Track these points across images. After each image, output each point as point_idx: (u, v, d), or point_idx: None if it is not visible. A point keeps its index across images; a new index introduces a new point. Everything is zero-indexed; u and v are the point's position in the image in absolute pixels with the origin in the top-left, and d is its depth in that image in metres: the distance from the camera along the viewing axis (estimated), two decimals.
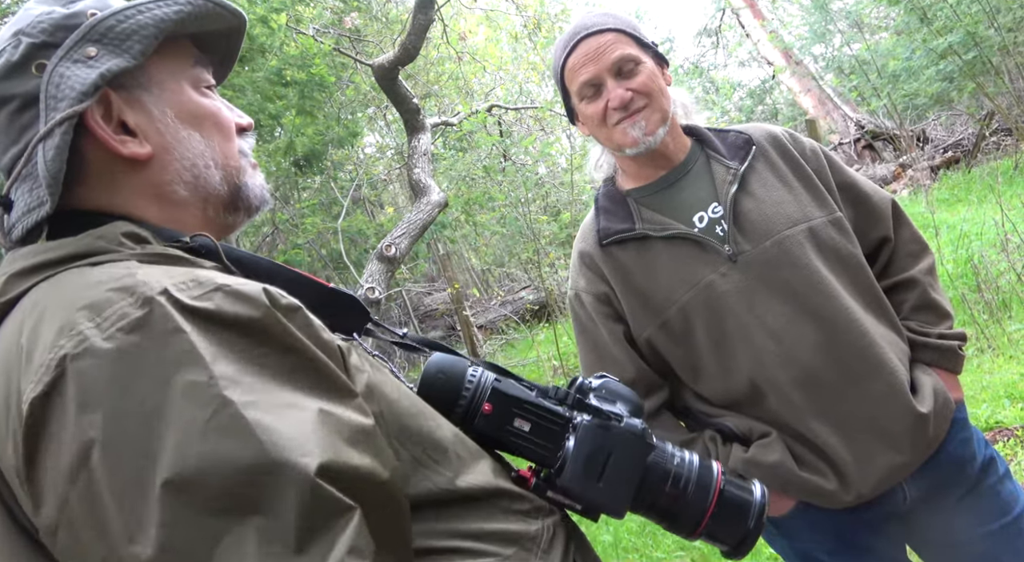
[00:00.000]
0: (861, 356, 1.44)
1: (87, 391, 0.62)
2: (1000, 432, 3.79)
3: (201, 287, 0.68)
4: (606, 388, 0.93)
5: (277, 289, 0.73)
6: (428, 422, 0.80)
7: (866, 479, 1.41)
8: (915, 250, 1.62)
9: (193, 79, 0.90)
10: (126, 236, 0.77)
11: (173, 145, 0.86)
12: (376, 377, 0.78)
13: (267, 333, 0.68)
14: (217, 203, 0.90)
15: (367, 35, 9.83)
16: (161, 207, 0.85)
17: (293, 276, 0.87)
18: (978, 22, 9.33)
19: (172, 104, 0.87)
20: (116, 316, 0.65)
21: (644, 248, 1.53)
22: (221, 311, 0.67)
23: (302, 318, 0.72)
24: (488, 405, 0.86)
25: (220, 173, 0.89)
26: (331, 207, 9.56)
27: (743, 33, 15.85)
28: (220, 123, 0.91)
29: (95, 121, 0.81)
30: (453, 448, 0.80)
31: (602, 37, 1.51)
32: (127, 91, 0.84)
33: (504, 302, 11.06)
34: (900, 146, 11.62)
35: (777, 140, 1.61)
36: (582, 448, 0.84)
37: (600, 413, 0.87)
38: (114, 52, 0.81)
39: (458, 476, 0.78)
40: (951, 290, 5.48)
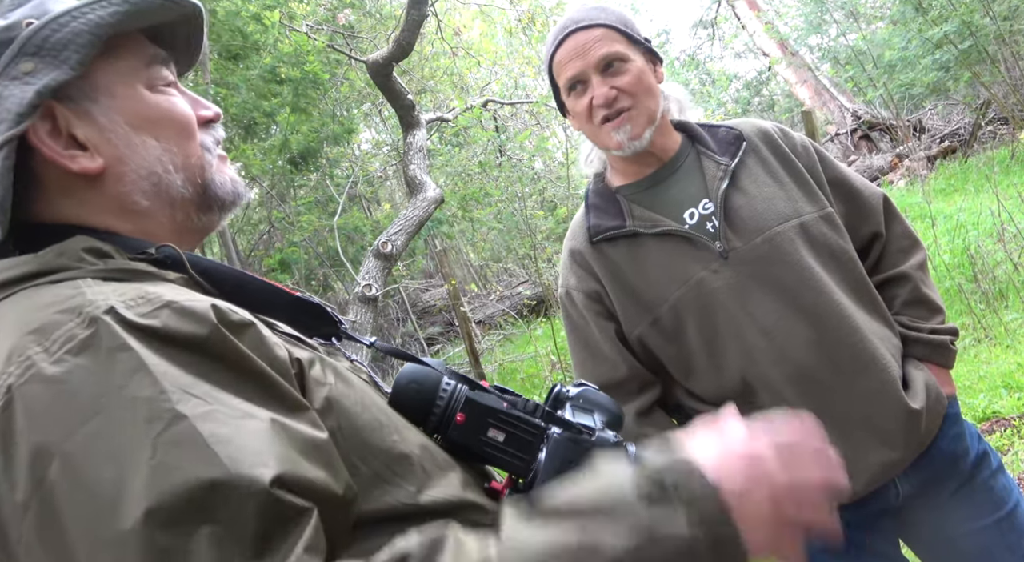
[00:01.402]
0: (853, 352, 1.43)
1: (35, 418, 0.61)
2: (997, 422, 3.80)
3: (149, 304, 0.67)
4: (583, 397, 0.92)
5: (227, 304, 0.71)
6: (391, 436, 0.78)
7: (859, 475, 1.41)
8: (906, 245, 1.62)
9: (147, 79, 0.86)
10: (87, 251, 0.75)
11: (127, 155, 0.82)
12: (339, 390, 0.76)
13: (214, 350, 0.67)
14: (185, 206, 0.87)
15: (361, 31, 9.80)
16: (126, 218, 0.83)
17: (260, 285, 0.85)
18: (973, 11, 9.33)
19: (123, 111, 0.83)
20: (63, 338, 0.64)
21: (635, 245, 1.52)
22: (167, 328, 0.66)
23: (253, 335, 0.71)
24: (461, 414, 0.85)
25: (182, 175, 0.86)
26: (327, 204, 9.54)
27: (739, 24, 15.82)
28: (177, 122, 0.87)
29: (39, 139, 0.78)
30: (419, 461, 0.78)
31: (590, 32, 1.49)
32: (74, 102, 0.80)
33: (502, 297, 11.05)
34: (897, 136, 11.62)
35: (768, 135, 1.60)
36: (552, 461, 0.83)
37: (570, 426, 0.85)
38: (51, 64, 0.77)
39: (421, 490, 0.76)
40: (948, 280, 5.49)
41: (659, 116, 1.53)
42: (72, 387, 0.62)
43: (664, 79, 1.58)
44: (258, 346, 0.70)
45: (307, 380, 0.74)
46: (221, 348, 0.67)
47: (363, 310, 5.82)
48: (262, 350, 0.70)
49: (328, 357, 0.82)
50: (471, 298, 11.42)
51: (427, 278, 12.64)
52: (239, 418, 0.64)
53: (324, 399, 0.74)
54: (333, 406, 0.74)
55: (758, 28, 14.71)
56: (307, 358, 0.76)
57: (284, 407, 0.68)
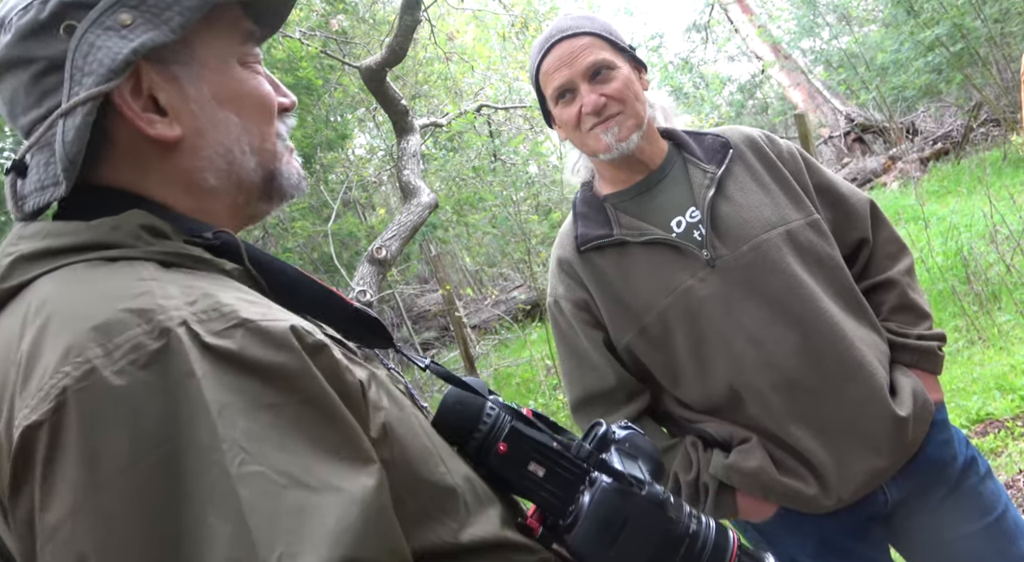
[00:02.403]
0: (840, 359, 1.43)
1: (88, 430, 0.56)
2: (990, 424, 3.80)
3: (224, 320, 0.62)
4: (630, 442, 0.89)
5: (304, 324, 0.66)
6: (439, 467, 0.73)
7: (846, 483, 1.41)
8: (893, 251, 1.62)
9: (241, 55, 0.82)
10: (143, 228, 0.69)
11: (207, 128, 0.78)
12: (393, 414, 0.71)
13: (289, 381, 0.61)
14: (250, 191, 0.83)
15: (354, 37, 9.79)
16: (189, 194, 0.78)
17: (318, 289, 0.79)
18: (964, 14, 9.38)
19: (212, 82, 0.78)
20: (130, 346, 0.58)
21: (622, 254, 1.52)
22: (243, 352, 0.60)
23: (327, 358, 0.65)
24: (504, 445, 0.82)
25: (256, 159, 0.81)
26: (321, 210, 9.53)
27: (732, 28, 15.87)
28: (263, 103, 0.82)
29: (122, 99, 0.72)
30: (463, 495, 0.74)
31: (577, 41, 1.49)
32: (162, 65, 0.75)
33: (497, 302, 11.05)
34: (890, 138, 11.66)
35: (754, 143, 1.60)
36: (598, 511, 0.79)
37: (622, 477, 0.81)
38: (151, 22, 0.72)
39: (463, 528, 0.71)
40: (941, 282, 5.50)
41: (646, 122, 1.53)
42: (135, 406, 0.57)
43: (649, 87, 1.58)
44: (332, 373, 0.65)
45: (368, 405, 0.69)
46: (297, 379, 0.62)
47: None
48: (336, 378, 0.65)
49: (371, 366, 0.77)
50: (466, 303, 11.41)
51: (422, 283, 12.63)
52: (289, 482, 0.57)
53: (381, 426, 0.69)
54: (388, 434, 0.69)
55: (751, 32, 14.76)
56: (365, 378, 0.70)
57: (351, 456, 0.62)
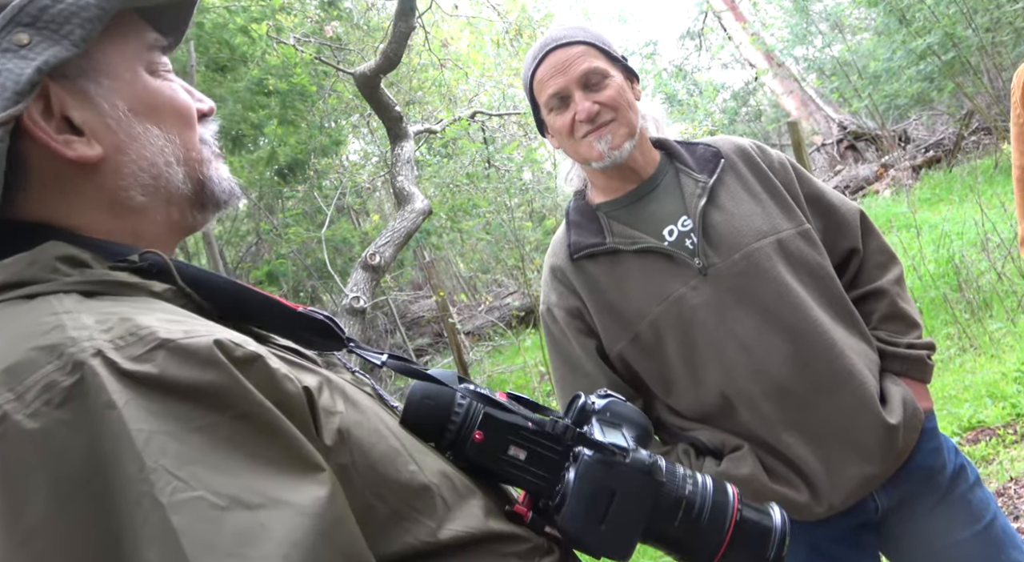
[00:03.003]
0: (830, 368, 1.44)
1: (5, 480, 0.53)
2: (982, 431, 3.82)
3: (142, 344, 0.58)
4: (611, 410, 0.86)
5: (230, 335, 0.63)
6: (409, 466, 0.70)
7: (837, 490, 1.42)
8: (883, 261, 1.63)
9: (148, 62, 0.78)
10: (61, 260, 0.66)
11: (127, 143, 0.74)
12: (350, 418, 0.68)
13: (220, 398, 0.58)
14: (182, 203, 0.79)
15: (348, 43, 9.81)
16: (115, 215, 0.74)
17: (259, 299, 0.76)
18: (956, 23, 9.44)
19: (125, 95, 0.75)
20: (42, 386, 0.55)
21: (615, 262, 1.52)
22: (164, 376, 0.57)
23: (260, 369, 0.62)
24: (479, 433, 0.78)
25: (183, 170, 0.78)
26: (315, 216, 9.53)
27: (725, 36, 15.93)
28: (180, 111, 0.79)
29: (32, 121, 0.69)
30: (438, 491, 0.71)
31: (571, 49, 1.51)
32: (70, 81, 0.72)
33: (490, 308, 11.05)
34: (882, 146, 11.71)
35: (745, 153, 1.61)
36: (583, 486, 0.76)
37: (603, 448, 0.78)
38: (51, 38, 0.68)
39: (442, 525, 0.69)
40: (933, 290, 5.53)
41: (639, 131, 1.55)
42: (53, 448, 0.53)
43: (641, 97, 1.60)
44: (268, 383, 0.62)
45: (317, 411, 0.66)
46: (228, 394, 0.59)
47: (351, 322, 5.80)
48: (272, 388, 0.62)
49: (330, 372, 0.74)
50: (460, 309, 11.41)
51: (415, 289, 12.63)
52: (229, 504, 0.54)
53: (336, 432, 0.66)
54: (346, 438, 0.66)
55: (744, 39, 14.81)
56: (315, 384, 0.68)
57: (294, 467, 0.59)
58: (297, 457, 0.60)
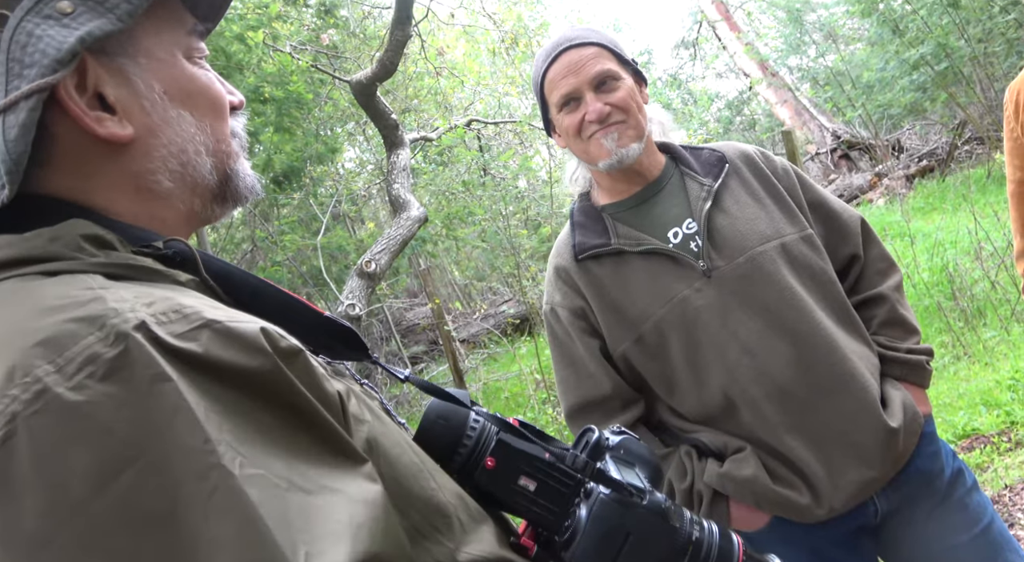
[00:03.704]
0: (832, 371, 1.45)
1: (48, 461, 0.49)
2: (976, 439, 3.83)
3: (186, 321, 0.56)
4: (624, 448, 0.84)
5: (276, 328, 0.61)
6: (429, 483, 0.69)
7: (838, 493, 1.43)
8: (883, 268, 1.65)
9: (187, 48, 0.77)
10: (86, 239, 0.63)
11: (160, 127, 0.72)
12: (377, 428, 0.67)
13: (264, 386, 0.56)
14: (205, 194, 0.77)
15: (345, 51, 9.83)
16: (139, 199, 0.72)
17: (286, 299, 0.73)
18: (948, 33, 9.51)
19: (162, 77, 0.73)
20: (84, 358, 0.51)
21: (620, 263, 1.54)
22: (209, 356, 0.55)
23: (303, 364, 0.60)
24: (491, 459, 0.76)
25: (211, 160, 0.77)
26: (311, 223, 9.52)
27: (720, 45, 16.01)
28: (216, 101, 0.78)
29: (67, 94, 0.66)
30: (455, 513, 0.69)
31: (584, 50, 1.52)
32: (108, 58, 0.70)
33: (486, 316, 11.04)
34: (876, 155, 11.77)
35: (749, 158, 1.63)
36: (597, 525, 0.74)
37: (621, 488, 0.76)
38: (95, 10, 0.67)
39: (460, 547, 0.67)
40: (927, 298, 5.55)
41: (646, 134, 1.56)
42: (101, 422, 0.50)
43: (648, 101, 1.61)
44: (308, 379, 0.60)
45: (348, 417, 0.64)
46: (272, 383, 0.57)
47: None
48: (313, 385, 0.60)
49: (347, 382, 0.72)
50: (455, 317, 11.40)
51: (411, 297, 12.61)
52: (290, 484, 0.53)
53: (365, 441, 0.64)
54: (374, 448, 0.65)
55: (738, 49, 14.89)
56: (343, 390, 0.66)
57: (341, 460, 0.58)
58: (341, 451, 0.59)
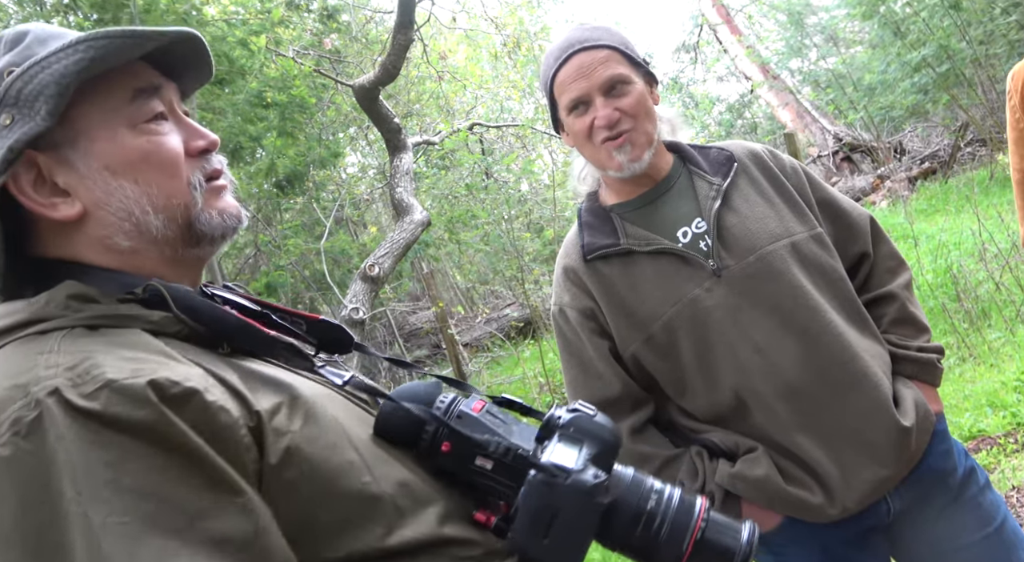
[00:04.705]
0: (844, 369, 1.45)
1: None
2: (983, 440, 3.82)
3: (92, 382, 0.68)
4: (575, 425, 0.87)
5: (168, 375, 0.70)
6: (361, 478, 0.77)
7: (851, 492, 1.42)
8: (893, 266, 1.65)
9: (130, 117, 0.85)
10: (71, 298, 0.77)
11: (103, 199, 0.83)
12: (304, 435, 0.76)
13: (151, 433, 0.67)
14: (172, 243, 0.87)
15: (347, 56, 9.85)
16: (112, 256, 0.85)
17: (241, 324, 0.84)
18: (950, 35, 9.51)
19: (100, 155, 0.83)
20: (12, 420, 0.66)
21: (629, 263, 1.53)
22: (107, 412, 0.66)
23: (196, 405, 0.70)
24: (447, 444, 0.84)
25: (162, 216, 0.85)
26: (314, 228, 9.52)
27: (721, 49, 16.01)
28: (159, 162, 0.86)
29: (19, 190, 0.80)
30: (392, 500, 0.78)
31: (596, 53, 1.50)
32: (55, 150, 0.81)
33: (489, 319, 11.04)
34: (878, 158, 11.76)
35: (758, 157, 1.62)
36: (527, 502, 0.81)
37: (543, 469, 0.81)
38: (26, 116, 0.78)
39: (392, 532, 0.76)
40: (931, 300, 5.54)
41: (656, 138, 1.55)
42: (20, 472, 0.64)
43: (659, 101, 1.60)
44: (201, 418, 0.70)
45: (265, 434, 0.74)
46: (157, 430, 0.67)
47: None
48: (204, 423, 0.70)
49: (307, 385, 0.83)
50: (458, 320, 11.39)
51: (414, 301, 12.60)
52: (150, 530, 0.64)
53: (283, 451, 0.74)
54: (294, 456, 0.74)
55: (740, 52, 14.89)
56: (271, 406, 0.76)
57: (219, 497, 0.68)
58: (219, 484, 0.68)
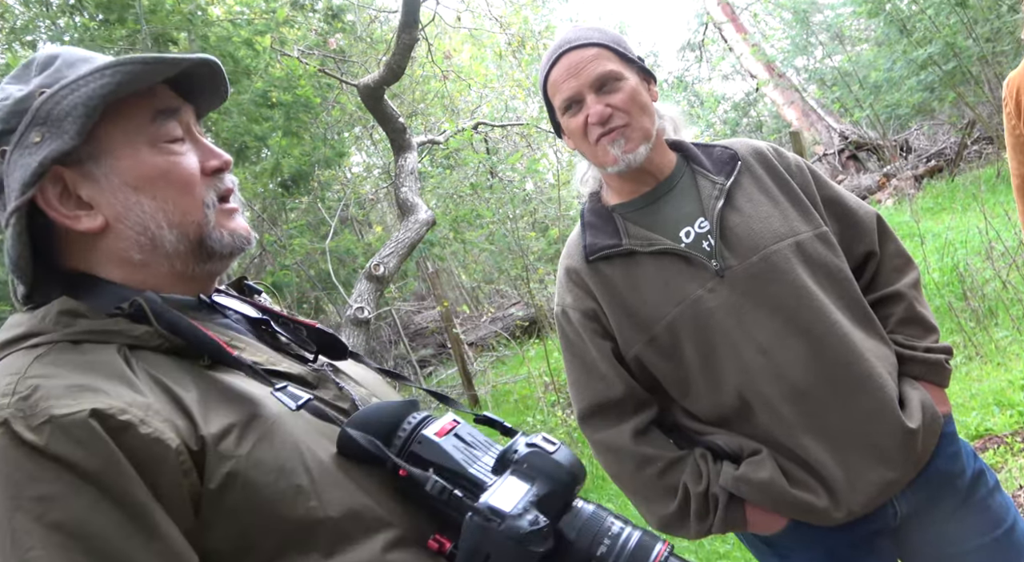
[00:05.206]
0: (849, 371, 1.43)
1: None
2: (990, 440, 3.80)
3: (36, 416, 0.74)
4: (528, 462, 0.86)
5: (109, 404, 0.75)
6: (307, 503, 0.80)
7: (857, 496, 1.40)
8: (900, 264, 1.63)
9: (151, 137, 0.91)
10: (62, 314, 0.84)
11: (123, 213, 0.89)
12: (252, 459, 0.80)
13: (84, 472, 0.73)
14: (184, 258, 0.93)
15: (352, 55, 9.85)
16: (126, 269, 0.91)
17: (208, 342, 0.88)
18: (956, 33, 9.46)
19: (121, 171, 0.89)
20: None
21: (631, 264, 1.52)
22: (47, 448, 0.72)
23: (131, 438, 0.75)
24: (403, 470, 0.85)
25: (176, 232, 0.91)
26: (319, 227, 9.53)
27: (726, 47, 15.97)
28: (176, 180, 0.92)
29: (46, 203, 0.86)
30: (335, 526, 0.81)
31: (585, 51, 1.51)
32: (80, 165, 0.88)
33: (494, 319, 11.03)
34: (884, 156, 11.72)
35: (762, 155, 1.61)
36: (465, 542, 0.81)
37: (477, 511, 0.81)
38: (55, 134, 0.84)
39: (330, 557, 0.79)
40: (938, 298, 5.51)
41: (654, 134, 1.54)
42: None
43: (658, 98, 1.59)
44: (137, 446, 0.75)
45: (207, 459, 0.78)
46: (91, 470, 0.73)
47: (355, 333, 5.79)
48: (138, 453, 0.75)
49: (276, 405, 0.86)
50: (463, 320, 11.39)
51: (419, 300, 12.60)
52: None
53: (224, 475, 0.78)
54: (236, 481, 0.78)
55: (745, 50, 14.85)
56: (220, 430, 0.80)
57: (138, 540, 0.73)
58: (143, 525, 0.74)
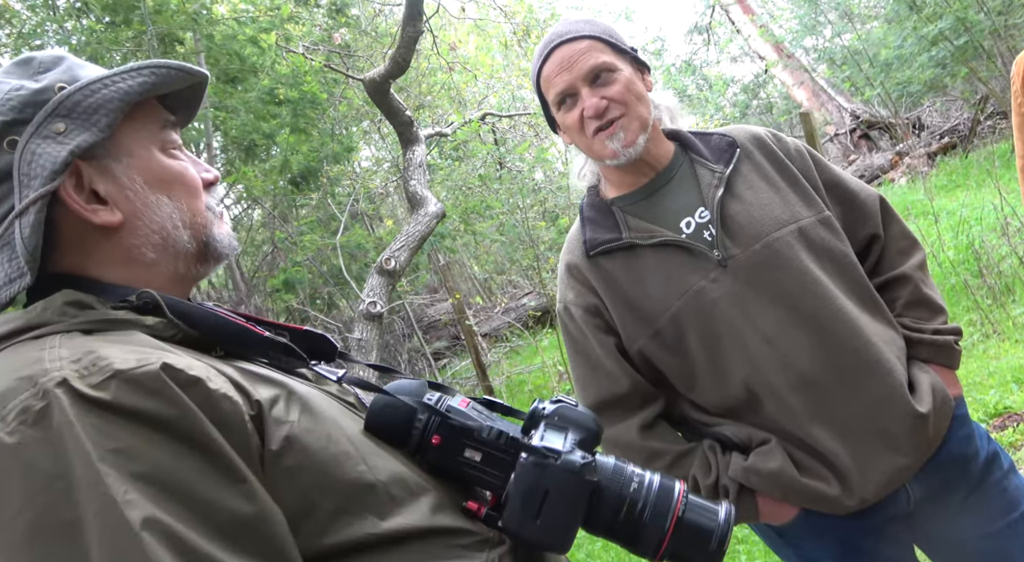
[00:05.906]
0: (857, 357, 1.41)
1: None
2: (1009, 417, 3.77)
3: (100, 373, 0.71)
4: (559, 415, 0.93)
5: (177, 360, 0.75)
6: (358, 467, 0.82)
7: (869, 483, 1.39)
8: (905, 246, 1.60)
9: (162, 142, 0.95)
10: (69, 304, 0.81)
11: (142, 211, 0.90)
12: (302, 426, 0.80)
13: (160, 422, 0.71)
14: (188, 259, 0.95)
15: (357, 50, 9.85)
16: (129, 269, 0.90)
17: (232, 327, 0.90)
18: (967, 7, 9.34)
19: (141, 170, 0.91)
20: (19, 409, 0.68)
21: (632, 257, 1.50)
22: (116, 402, 0.70)
23: (200, 391, 0.74)
24: (437, 437, 0.88)
25: (188, 232, 0.94)
26: (329, 223, 9.55)
27: (734, 29, 15.85)
28: (187, 183, 0.95)
29: (68, 194, 0.85)
30: (386, 489, 0.82)
31: (576, 45, 1.49)
32: (97, 161, 0.88)
33: (507, 309, 11.03)
34: (896, 134, 11.61)
35: (761, 141, 1.59)
36: (519, 486, 0.86)
37: (534, 451, 0.87)
38: (82, 126, 0.85)
39: (385, 518, 0.80)
40: (953, 277, 5.46)
41: (651, 123, 1.52)
42: (26, 457, 0.67)
43: (653, 87, 1.57)
44: (205, 403, 0.74)
45: (266, 422, 0.78)
46: (168, 418, 0.71)
47: (368, 327, 5.80)
48: (210, 407, 0.74)
49: (298, 383, 0.87)
50: (476, 311, 11.40)
51: (431, 293, 12.62)
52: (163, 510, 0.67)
53: (283, 439, 0.78)
54: (293, 444, 0.78)
55: (753, 32, 14.74)
56: (269, 397, 0.80)
57: (220, 478, 0.72)
58: (226, 471, 0.73)
